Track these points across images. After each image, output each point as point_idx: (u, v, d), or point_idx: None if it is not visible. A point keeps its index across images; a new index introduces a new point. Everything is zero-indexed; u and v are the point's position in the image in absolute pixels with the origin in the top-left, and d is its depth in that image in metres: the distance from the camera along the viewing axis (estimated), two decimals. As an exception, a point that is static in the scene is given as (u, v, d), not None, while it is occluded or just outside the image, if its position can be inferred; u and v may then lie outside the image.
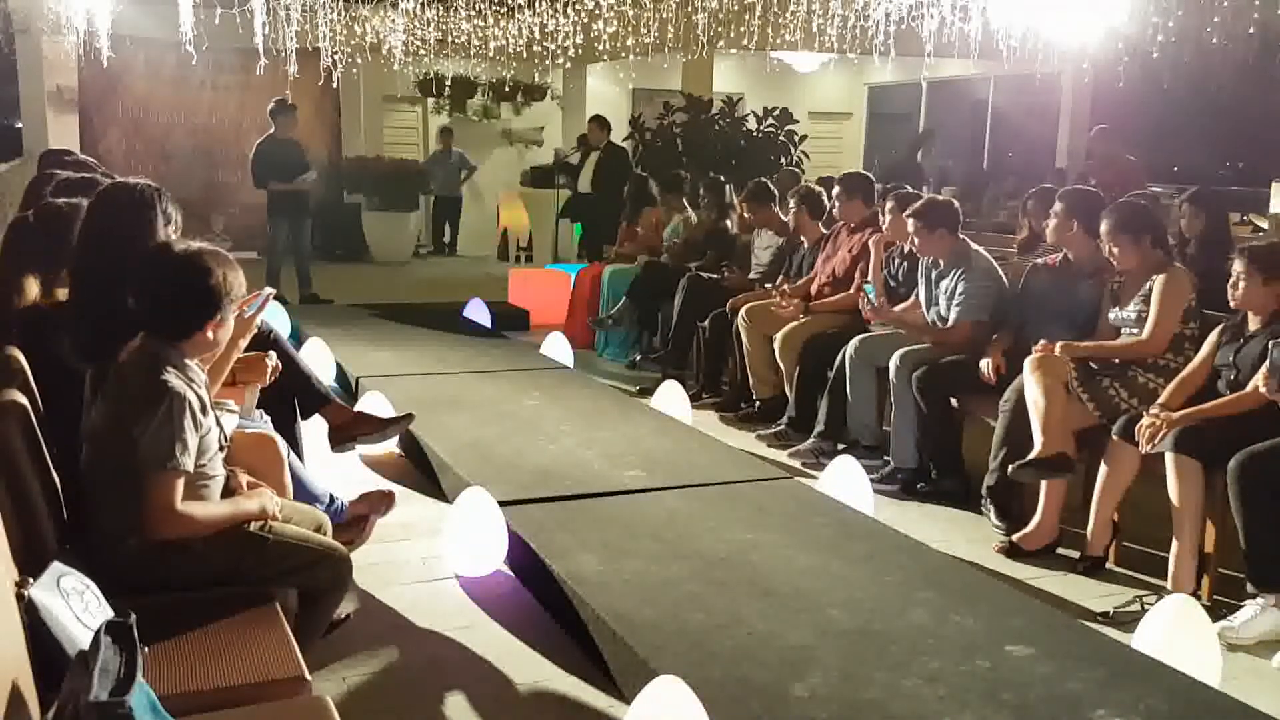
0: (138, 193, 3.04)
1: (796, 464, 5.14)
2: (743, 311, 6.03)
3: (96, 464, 2.56)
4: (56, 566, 2.18)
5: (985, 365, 4.49)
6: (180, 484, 2.48)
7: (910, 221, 4.90)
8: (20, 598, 2.02)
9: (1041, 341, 4.17)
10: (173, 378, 2.49)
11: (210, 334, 2.61)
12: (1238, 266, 3.68)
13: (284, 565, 2.64)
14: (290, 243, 9.61)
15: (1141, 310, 4.10)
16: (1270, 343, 3.43)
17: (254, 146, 9.67)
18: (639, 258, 7.99)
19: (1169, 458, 3.60)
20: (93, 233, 2.98)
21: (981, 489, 4.35)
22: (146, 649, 1.83)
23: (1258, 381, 3.47)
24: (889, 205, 5.43)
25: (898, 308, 5.18)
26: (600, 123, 10.50)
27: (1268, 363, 3.43)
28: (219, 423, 2.73)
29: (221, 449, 2.71)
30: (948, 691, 2.72)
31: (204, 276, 2.55)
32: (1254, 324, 3.72)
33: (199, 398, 2.56)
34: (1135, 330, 4.13)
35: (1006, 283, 4.90)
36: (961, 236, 4.94)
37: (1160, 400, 3.81)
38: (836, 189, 6.00)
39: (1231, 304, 3.72)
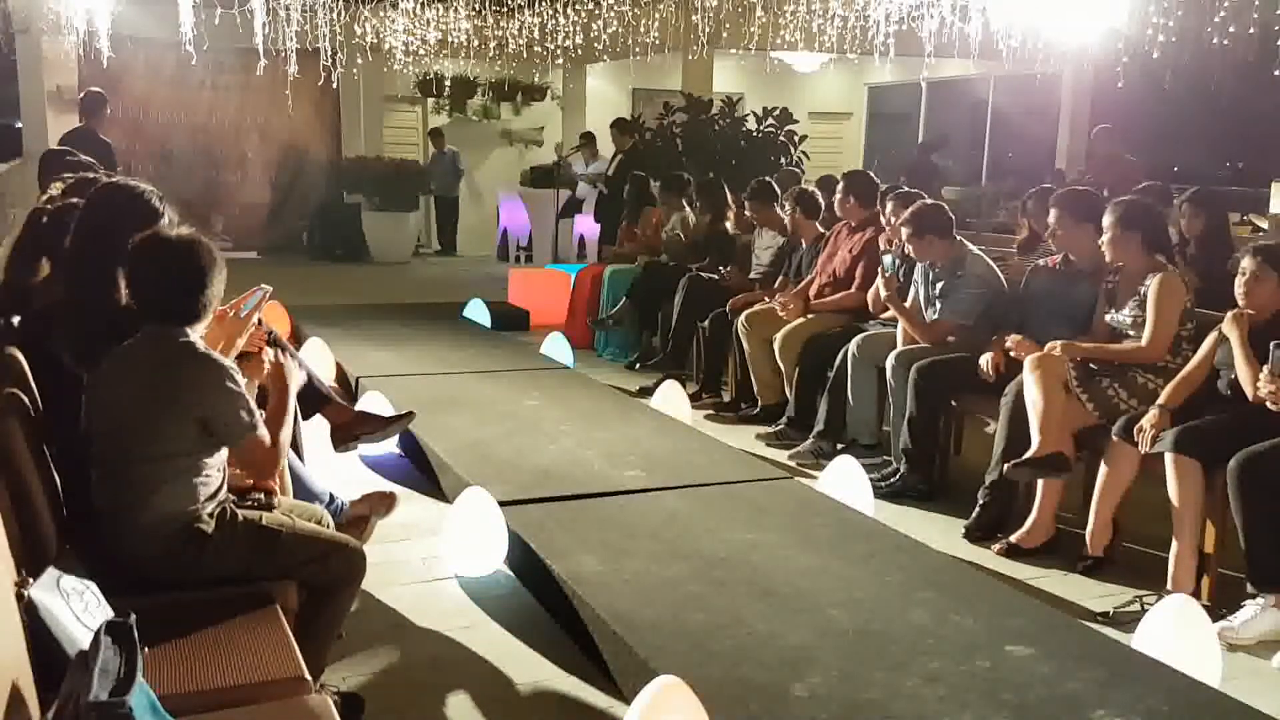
0: (130, 194, 3.04)
1: (796, 464, 5.14)
2: (743, 317, 6.03)
3: (120, 455, 2.56)
4: (57, 567, 2.19)
5: (985, 362, 4.50)
6: (260, 433, 2.63)
7: (901, 229, 4.92)
8: (20, 598, 2.02)
9: (1050, 344, 4.16)
10: (206, 349, 2.60)
11: (212, 311, 2.71)
12: (1248, 264, 3.65)
13: (299, 557, 2.67)
14: None
15: (1137, 315, 4.10)
16: (1271, 343, 3.42)
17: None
18: (639, 258, 7.99)
19: (1169, 458, 3.60)
20: (84, 233, 2.97)
21: (979, 490, 4.35)
22: (146, 649, 1.83)
23: (1260, 381, 3.47)
24: (890, 205, 5.44)
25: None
26: (621, 127, 10.51)
27: (1269, 363, 3.42)
28: None
29: None
30: (948, 691, 2.72)
31: (204, 256, 2.64)
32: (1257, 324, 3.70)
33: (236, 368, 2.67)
34: (1131, 333, 4.13)
35: (1005, 285, 4.90)
36: (959, 238, 4.94)
37: (1160, 401, 3.80)
38: (839, 188, 6.01)
39: (1240, 301, 3.70)
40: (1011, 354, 4.31)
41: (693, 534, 3.80)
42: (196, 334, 2.67)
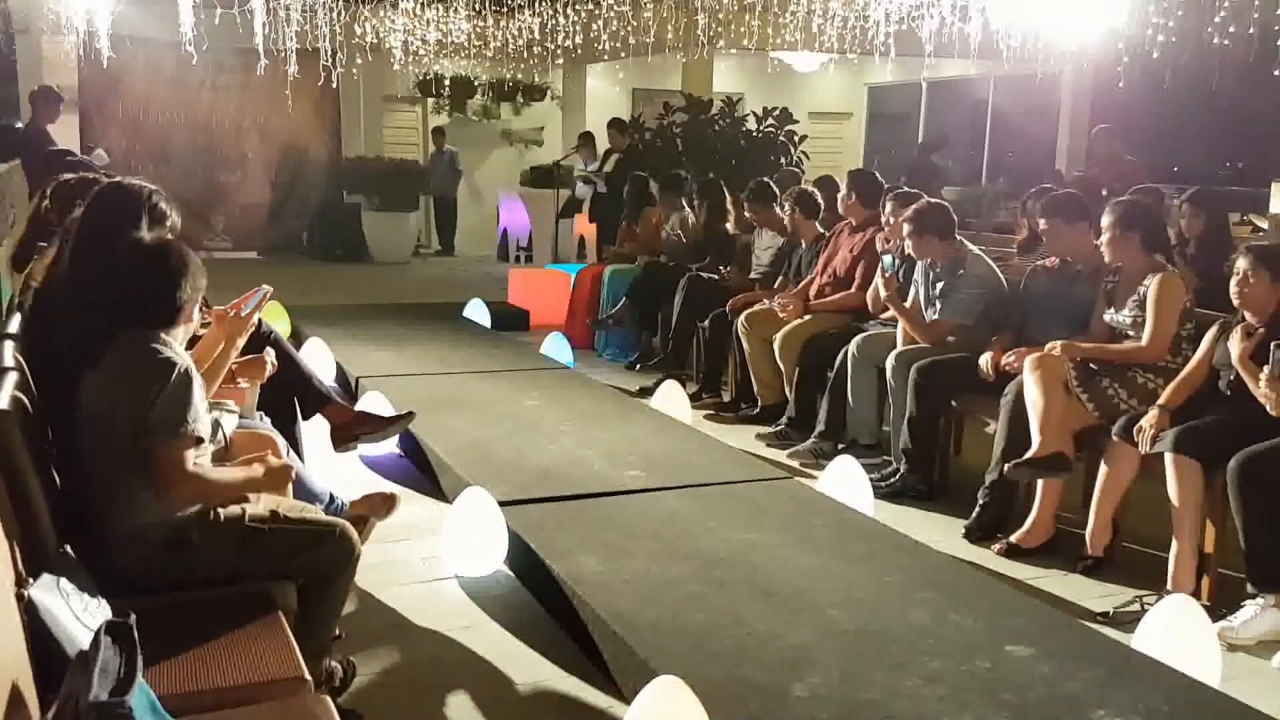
0: (130, 194, 3.04)
1: (796, 464, 5.14)
2: (743, 317, 6.03)
3: (99, 463, 2.56)
4: (57, 567, 2.19)
5: (985, 361, 4.49)
6: (191, 450, 2.51)
7: (903, 227, 4.92)
8: (20, 598, 2.02)
9: (1050, 344, 4.16)
10: (169, 352, 2.55)
11: (192, 313, 2.70)
12: (1242, 265, 3.64)
13: (287, 550, 2.65)
14: None
15: (1137, 315, 4.10)
16: (1273, 344, 3.42)
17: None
18: (639, 258, 7.99)
19: (1168, 458, 3.60)
20: (84, 233, 2.98)
21: (979, 490, 4.34)
22: (146, 649, 1.82)
23: (1260, 384, 3.46)
24: (890, 206, 5.44)
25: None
26: (619, 126, 10.51)
27: (1269, 365, 3.42)
28: (218, 422, 2.74)
29: (213, 441, 2.72)
30: (948, 691, 2.72)
31: (176, 261, 2.63)
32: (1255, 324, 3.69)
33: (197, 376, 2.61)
34: (1131, 334, 4.13)
35: (1005, 285, 4.90)
36: (959, 238, 4.93)
37: (1160, 401, 3.80)
38: (844, 187, 6.01)
39: (1235, 302, 3.70)
40: (1005, 366, 4.32)
41: (693, 534, 3.80)
42: (175, 339, 2.66)
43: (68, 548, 2.49)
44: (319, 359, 6.09)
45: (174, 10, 8.99)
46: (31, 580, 2.08)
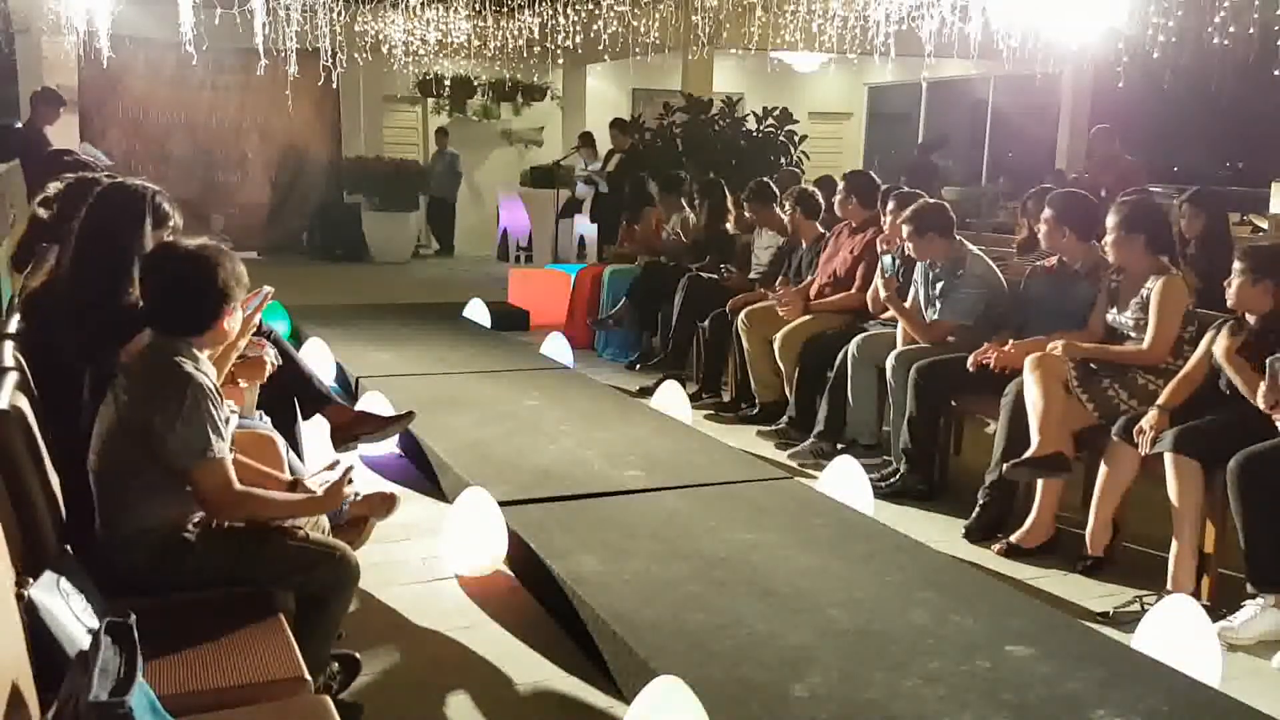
0: (130, 194, 3.04)
1: (796, 464, 5.14)
2: (742, 315, 6.03)
3: (105, 465, 2.55)
4: (57, 567, 2.18)
5: (976, 355, 4.45)
6: (229, 466, 2.51)
7: (903, 227, 4.92)
8: (20, 598, 2.02)
9: (1051, 344, 4.15)
10: (190, 367, 2.53)
11: (225, 324, 2.66)
12: (1236, 266, 3.66)
13: (283, 566, 2.64)
14: None
15: (1139, 317, 4.10)
16: (1269, 359, 3.41)
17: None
18: (639, 258, 7.99)
19: (1168, 458, 3.60)
20: (85, 234, 2.98)
21: (979, 490, 4.34)
22: (146, 649, 1.82)
23: (1260, 400, 3.46)
24: (890, 205, 5.43)
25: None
26: (620, 126, 10.49)
27: (1267, 376, 3.42)
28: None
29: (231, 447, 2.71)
30: (948, 691, 2.72)
31: (215, 269, 2.59)
32: (1251, 324, 3.70)
33: (216, 388, 2.59)
34: (1133, 335, 4.13)
35: (1005, 285, 4.90)
36: (958, 238, 4.93)
37: (1160, 401, 3.80)
38: (841, 188, 6.01)
39: (1229, 303, 3.70)
40: (992, 365, 4.31)
41: (693, 534, 3.80)
42: (203, 349, 2.64)
43: (68, 548, 2.49)
44: (319, 359, 6.09)
45: (174, 10, 9.00)
46: (31, 580, 2.08)
